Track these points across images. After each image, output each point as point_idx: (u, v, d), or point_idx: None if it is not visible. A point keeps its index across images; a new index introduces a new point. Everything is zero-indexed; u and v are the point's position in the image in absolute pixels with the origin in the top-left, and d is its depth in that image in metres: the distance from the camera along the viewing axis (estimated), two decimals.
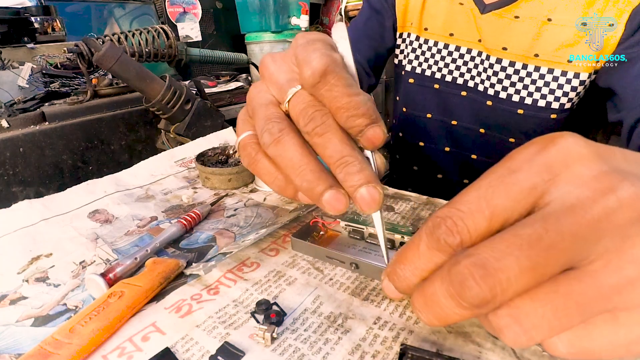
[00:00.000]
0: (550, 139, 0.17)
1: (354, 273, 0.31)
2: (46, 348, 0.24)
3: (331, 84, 0.21)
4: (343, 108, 0.21)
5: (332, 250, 0.32)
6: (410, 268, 0.18)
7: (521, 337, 0.15)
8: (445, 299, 0.16)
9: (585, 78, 0.50)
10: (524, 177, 0.16)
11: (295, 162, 0.22)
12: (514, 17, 0.53)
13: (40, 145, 0.78)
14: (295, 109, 0.23)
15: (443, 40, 0.60)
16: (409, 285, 0.19)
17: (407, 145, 0.70)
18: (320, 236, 0.35)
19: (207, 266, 0.31)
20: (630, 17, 0.45)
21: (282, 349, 0.24)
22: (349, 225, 0.35)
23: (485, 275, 0.15)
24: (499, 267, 0.14)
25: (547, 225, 0.15)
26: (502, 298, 0.15)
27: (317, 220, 0.36)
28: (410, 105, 0.67)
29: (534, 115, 0.54)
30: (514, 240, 0.15)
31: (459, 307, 0.16)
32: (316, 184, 0.21)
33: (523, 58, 0.53)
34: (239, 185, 0.50)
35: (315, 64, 0.22)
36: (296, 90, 0.23)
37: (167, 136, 0.77)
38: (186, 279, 0.32)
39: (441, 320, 0.17)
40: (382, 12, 0.66)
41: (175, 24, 1.59)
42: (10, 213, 0.42)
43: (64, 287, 0.32)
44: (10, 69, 0.94)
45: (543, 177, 0.16)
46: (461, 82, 0.60)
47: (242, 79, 1.53)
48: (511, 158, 0.17)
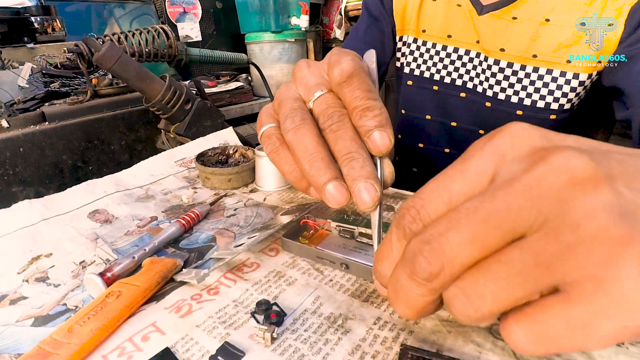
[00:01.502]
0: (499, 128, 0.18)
1: (348, 274, 0.31)
2: (45, 348, 0.24)
3: (354, 85, 0.24)
4: (358, 108, 0.24)
5: (323, 250, 0.32)
6: (387, 263, 0.19)
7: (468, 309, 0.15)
8: (406, 280, 0.17)
9: (584, 79, 0.50)
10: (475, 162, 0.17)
11: (309, 149, 0.24)
12: (512, 18, 0.53)
13: (40, 145, 0.78)
14: (318, 107, 0.26)
15: (441, 42, 0.60)
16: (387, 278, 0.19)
17: (406, 147, 0.70)
18: (310, 235, 0.35)
19: (200, 274, 0.30)
20: (629, 15, 0.45)
21: (282, 349, 0.24)
22: (340, 225, 0.35)
23: (431, 249, 0.15)
24: (443, 241, 0.15)
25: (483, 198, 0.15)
26: (450, 270, 0.15)
27: (307, 221, 0.36)
28: (409, 107, 0.67)
29: (533, 116, 0.54)
30: (455, 215, 0.16)
31: (417, 286, 0.16)
32: (323, 172, 0.23)
33: (521, 59, 0.53)
34: (238, 185, 0.50)
35: (344, 65, 0.25)
36: (322, 93, 0.26)
37: (167, 136, 0.77)
38: None
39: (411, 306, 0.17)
40: (380, 19, 0.66)
41: (175, 24, 1.59)
42: (10, 213, 0.42)
43: (64, 287, 0.32)
44: (10, 69, 0.94)
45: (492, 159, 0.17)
46: (460, 83, 0.60)
47: (242, 79, 1.53)
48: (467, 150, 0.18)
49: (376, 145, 0.23)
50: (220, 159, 0.55)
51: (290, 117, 0.25)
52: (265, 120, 0.28)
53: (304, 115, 0.25)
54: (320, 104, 0.26)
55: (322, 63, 0.28)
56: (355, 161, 0.23)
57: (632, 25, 0.45)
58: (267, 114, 0.29)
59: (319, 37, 1.98)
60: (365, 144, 0.24)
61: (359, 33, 0.69)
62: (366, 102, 0.24)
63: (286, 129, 0.25)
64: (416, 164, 0.71)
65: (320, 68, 0.28)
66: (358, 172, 0.22)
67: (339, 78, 0.25)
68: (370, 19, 0.68)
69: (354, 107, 0.24)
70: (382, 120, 0.23)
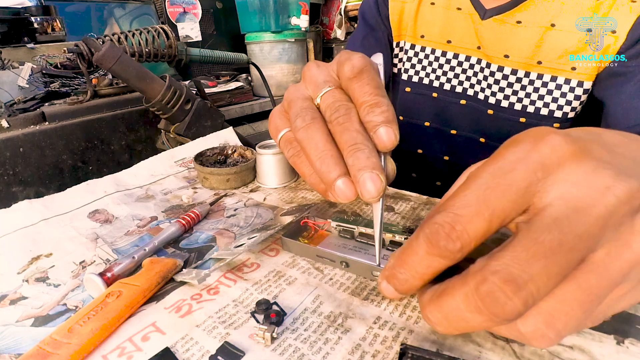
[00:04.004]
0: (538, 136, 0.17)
1: (348, 272, 0.31)
2: (45, 348, 0.24)
3: (364, 81, 0.25)
4: (367, 103, 0.24)
5: (322, 248, 0.32)
6: (410, 272, 0.19)
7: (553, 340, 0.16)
8: (472, 313, 0.16)
9: (589, 87, 0.49)
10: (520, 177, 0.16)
11: (319, 147, 0.24)
12: (516, 22, 0.51)
13: (40, 145, 0.78)
14: (325, 102, 0.26)
15: (440, 48, 0.59)
16: (411, 288, 0.19)
17: (405, 153, 0.69)
18: (310, 236, 0.35)
19: (201, 275, 0.30)
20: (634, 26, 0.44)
21: (282, 348, 0.24)
22: (340, 225, 0.35)
23: (516, 289, 0.15)
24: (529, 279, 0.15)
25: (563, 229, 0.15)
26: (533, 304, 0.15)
27: (307, 221, 0.36)
28: (407, 113, 0.66)
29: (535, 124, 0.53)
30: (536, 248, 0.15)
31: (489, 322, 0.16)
32: (333, 168, 0.24)
33: (526, 66, 0.51)
34: (237, 185, 0.50)
35: (355, 61, 0.26)
36: (330, 89, 0.27)
37: (167, 136, 0.77)
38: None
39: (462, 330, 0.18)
40: (377, 28, 0.65)
41: (175, 24, 1.59)
42: (10, 213, 0.42)
43: (64, 287, 0.32)
44: (10, 69, 0.94)
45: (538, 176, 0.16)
46: (460, 90, 0.58)
47: (242, 79, 1.53)
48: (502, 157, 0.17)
49: (382, 140, 0.24)
50: (219, 159, 0.55)
51: (301, 116, 0.26)
52: (281, 125, 0.29)
53: (314, 114, 0.26)
54: (327, 98, 0.26)
55: (332, 63, 0.28)
56: (361, 152, 0.23)
57: (634, 38, 0.44)
58: (281, 117, 0.29)
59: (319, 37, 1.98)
60: (371, 139, 0.24)
61: (356, 43, 0.68)
62: (374, 97, 0.24)
63: (297, 127, 0.26)
64: (415, 170, 0.70)
65: (330, 68, 0.28)
66: (364, 163, 0.23)
67: (350, 73, 0.25)
68: (366, 29, 0.67)
69: (362, 102, 0.25)
70: (389, 116, 0.24)
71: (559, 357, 0.23)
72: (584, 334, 0.24)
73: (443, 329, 0.18)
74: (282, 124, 0.29)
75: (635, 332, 0.24)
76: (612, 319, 0.25)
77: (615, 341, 0.24)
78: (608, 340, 0.24)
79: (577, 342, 0.24)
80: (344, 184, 0.23)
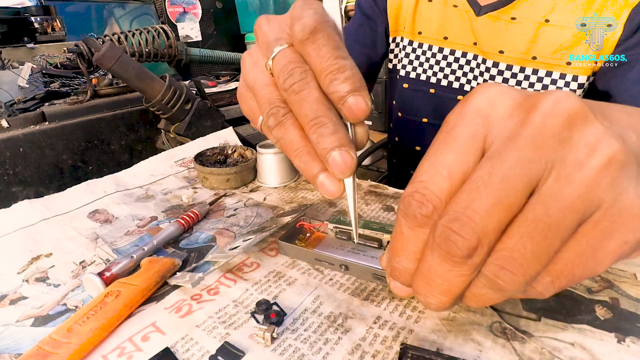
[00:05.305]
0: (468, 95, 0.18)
1: (347, 274, 0.31)
2: (45, 348, 0.24)
3: (319, 42, 0.21)
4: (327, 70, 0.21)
5: (321, 252, 0.32)
6: (404, 256, 0.19)
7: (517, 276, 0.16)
8: (440, 265, 0.17)
9: (584, 81, 0.50)
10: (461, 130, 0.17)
11: (295, 144, 0.22)
12: (511, 18, 0.52)
13: (40, 145, 0.78)
14: (277, 65, 0.22)
15: (437, 44, 0.60)
16: (410, 273, 0.19)
17: (403, 150, 0.70)
18: (307, 238, 0.34)
19: (195, 278, 0.30)
20: (630, 17, 0.45)
21: (282, 349, 0.24)
22: (337, 227, 0.35)
23: (462, 224, 0.15)
24: (470, 213, 0.15)
25: (493, 162, 0.16)
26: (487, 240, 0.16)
27: (303, 223, 0.36)
28: (405, 110, 0.66)
29: None
30: (472, 186, 0.16)
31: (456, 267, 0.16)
32: (312, 165, 0.22)
33: (521, 61, 0.52)
34: (237, 185, 0.50)
35: (307, 19, 0.21)
36: (282, 48, 0.23)
37: (167, 136, 0.77)
38: None
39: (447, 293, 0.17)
40: (374, 18, 0.65)
41: (175, 24, 1.59)
42: (10, 213, 0.42)
43: (64, 287, 0.32)
44: (10, 69, 0.94)
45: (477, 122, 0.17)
46: (457, 86, 0.59)
47: None
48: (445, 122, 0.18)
49: (352, 112, 0.21)
50: (219, 158, 0.55)
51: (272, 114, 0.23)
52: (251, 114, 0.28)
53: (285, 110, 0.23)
54: (279, 60, 0.22)
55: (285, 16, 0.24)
56: (325, 127, 0.21)
57: (631, 27, 0.45)
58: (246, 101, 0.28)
59: None
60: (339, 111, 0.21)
61: (350, 31, 0.68)
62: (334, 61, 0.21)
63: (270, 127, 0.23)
64: (414, 167, 0.70)
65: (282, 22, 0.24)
66: (330, 140, 0.20)
67: (302, 35, 0.21)
68: (362, 18, 0.67)
69: (321, 68, 0.21)
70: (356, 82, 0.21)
71: (560, 354, 0.23)
72: (585, 332, 0.24)
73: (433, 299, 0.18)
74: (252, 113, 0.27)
75: (636, 331, 0.24)
76: (613, 317, 0.25)
77: (616, 339, 0.24)
78: (609, 339, 0.24)
79: (578, 339, 0.24)
80: (327, 179, 0.22)
